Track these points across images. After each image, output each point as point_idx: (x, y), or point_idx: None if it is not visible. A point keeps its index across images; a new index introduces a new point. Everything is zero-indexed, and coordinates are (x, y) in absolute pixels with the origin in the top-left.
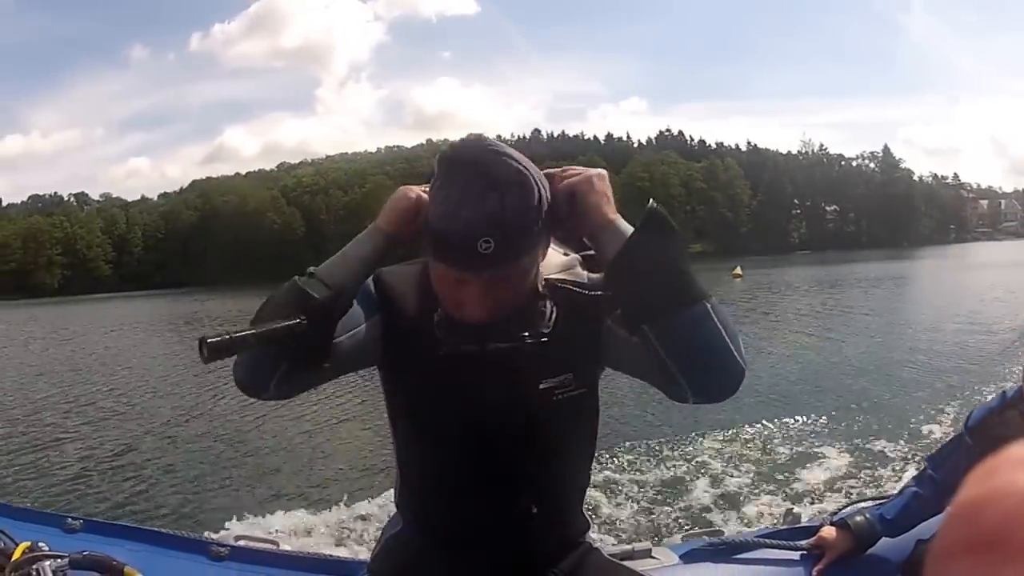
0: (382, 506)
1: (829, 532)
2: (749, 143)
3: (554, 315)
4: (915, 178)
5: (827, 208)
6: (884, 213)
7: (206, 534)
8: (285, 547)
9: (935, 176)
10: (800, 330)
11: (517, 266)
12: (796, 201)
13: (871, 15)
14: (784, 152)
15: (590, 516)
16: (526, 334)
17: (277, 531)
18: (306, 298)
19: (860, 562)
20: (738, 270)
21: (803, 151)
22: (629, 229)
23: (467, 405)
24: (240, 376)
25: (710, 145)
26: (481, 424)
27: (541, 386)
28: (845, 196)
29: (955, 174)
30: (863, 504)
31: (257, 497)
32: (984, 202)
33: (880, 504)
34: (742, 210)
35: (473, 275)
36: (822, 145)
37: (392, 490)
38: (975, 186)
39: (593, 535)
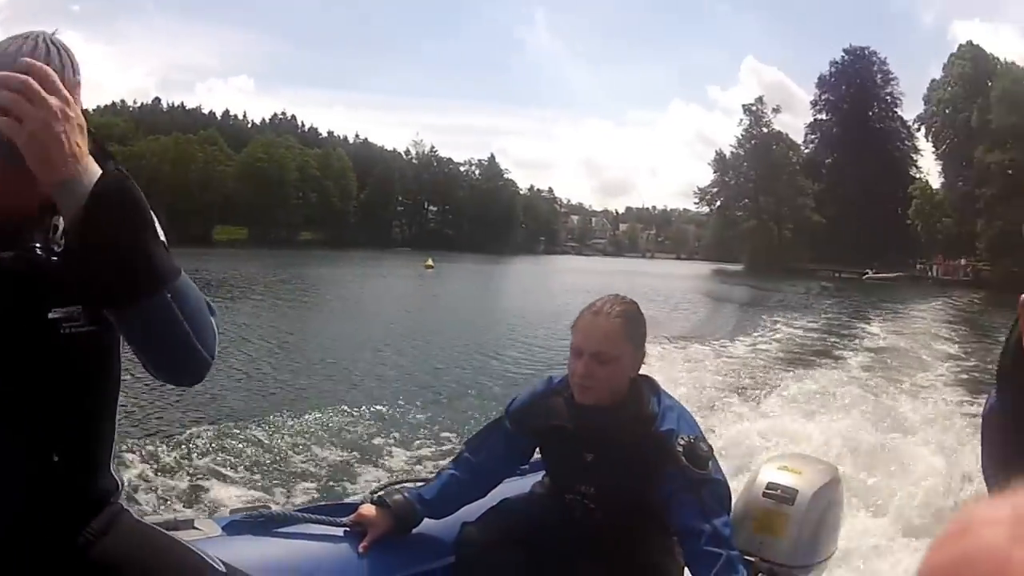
0: None
1: (368, 510)
2: (358, 136)
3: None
4: (515, 188)
5: (431, 208)
6: (486, 219)
7: None
8: None
9: (531, 188)
10: (387, 320)
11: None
12: (401, 198)
13: (494, 25)
14: (391, 149)
15: (141, 485)
16: (37, 245)
17: None
18: None
19: (410, 541)
20: (430, 261)
21: (412, 150)
22: (88, 188)
23: None
24: None
25: (322, 133)
26: None
27: (50, 316)
28: (450, 199)
29: (550, 188)
30: (404, 484)
31: None
32: (576, 217)
33: (421, 485)
34: (351, 202)
35: None
36: (433, 147)
37: None
38: (567, 201)
39: (136, 504)
